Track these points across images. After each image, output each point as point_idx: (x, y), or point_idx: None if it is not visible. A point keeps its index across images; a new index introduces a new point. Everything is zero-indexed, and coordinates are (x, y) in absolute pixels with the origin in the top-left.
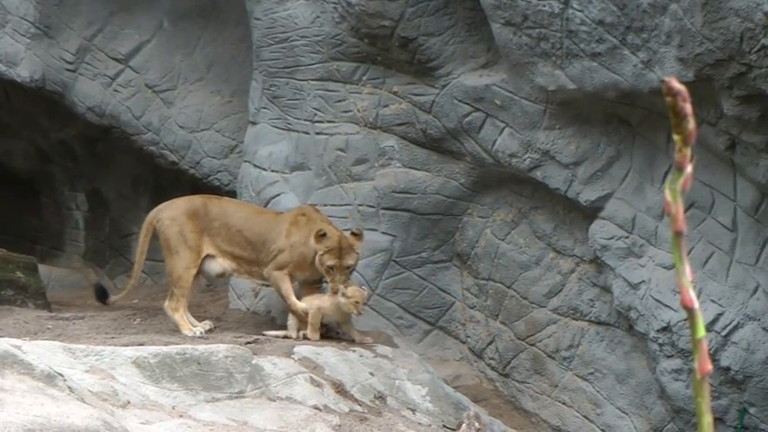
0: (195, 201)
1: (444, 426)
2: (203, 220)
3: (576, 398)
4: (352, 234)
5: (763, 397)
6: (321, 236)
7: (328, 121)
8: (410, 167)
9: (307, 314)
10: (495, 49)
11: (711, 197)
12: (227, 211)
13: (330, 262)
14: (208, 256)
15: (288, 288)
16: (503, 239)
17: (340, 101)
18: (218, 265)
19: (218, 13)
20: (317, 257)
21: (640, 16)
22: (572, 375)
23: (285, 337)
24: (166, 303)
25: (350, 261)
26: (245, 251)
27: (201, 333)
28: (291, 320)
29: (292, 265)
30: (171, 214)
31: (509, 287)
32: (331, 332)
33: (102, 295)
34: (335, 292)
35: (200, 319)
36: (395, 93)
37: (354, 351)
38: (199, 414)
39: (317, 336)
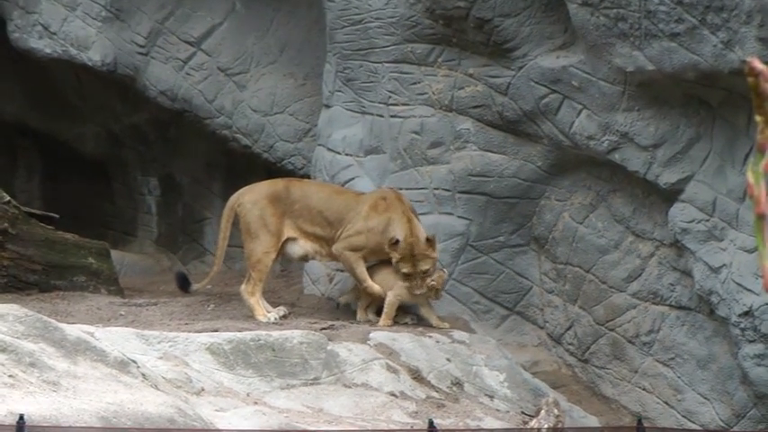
0: (277, 184)
1: (522, 412)
2: (284, 203)
3: (656, 384)
4: (426, 240)
5: None
6: (394, 244)
7: (403, 104)
8: (486, 150)
9: (382, 298)
10: (571, 30)
11: None
12: (308, 193)
13: (405, 269)
14: (289, 239)
15: (363, 271)
16: (581, 223)
17: (415, 83)
18: (300, 247)
19: None
20: (393, 262)
21: None
22: (652, 361)
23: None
24: (243, 287)
25: (425, 266)
26: (325, 231)
27: (276, 319)
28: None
29: (367, 250)
30: (252, 198)
31: (588, 271)
32: (407, 316)
33: (183, 284)
34: (414, 294)
35: (274, 305)
36: (470, 75)
37: (431, 337)
38: (274, 401)
39: (390, 322)
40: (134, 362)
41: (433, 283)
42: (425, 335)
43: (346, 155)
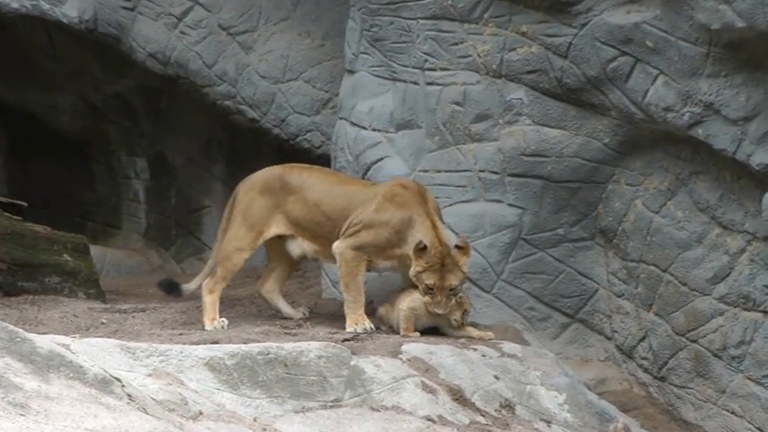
0: (273, 172)
1: None
2: (278, 195)
3: (747, 406)
4: (457, 247)
5: None
6: (421, 249)
7: (442, 69)
8: (542, 125)
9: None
10: None
11: None
12: (307, 183)
13: (429, 281)
14: (287, 237)
15: (359, 283)
16: (657, 212)
17: (456, 44)
18: (298, 246)
19: None
20: (412, 271)
21: None
22: (743, 378)
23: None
24: (205, 281)
25: (453, 281)
26: (323, 228)
27: (222, 327)
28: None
29: (374, 250)
30: (246, 187)
31: (665, 271)
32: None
33: (171, 289)
34: (433, 314)
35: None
36: (523, 33)
37: (476, 350)
38: (286, 427)
39: (412, 331)
40: (118, 380)
41: (461, 300)
42: (469, 347)
43: (373, 130)
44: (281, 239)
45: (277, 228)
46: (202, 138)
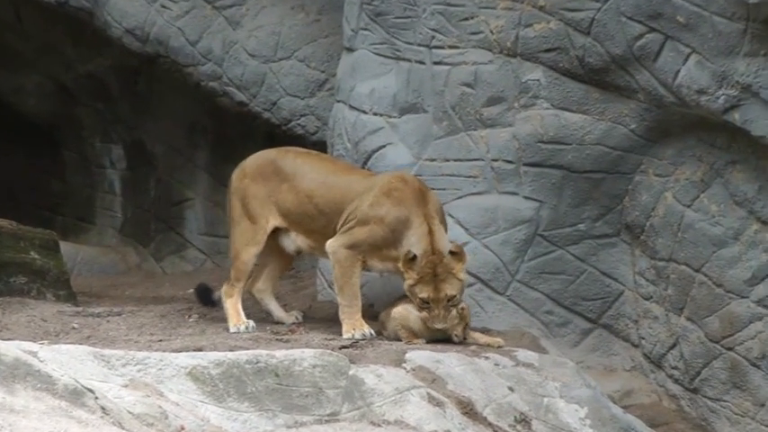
0: (266, 156)
1: None
2: (271, 182)
3: None
4: (451, 254)
5: None
6: (410, 260)
7: (450, 47)
8: (562, 108)
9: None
10: None
11: None
12: (300, 170)
13: (423, 294)
14: (281, 230)
15: (354, 285)
16: (689, 206)
17: (466, 19)
18: (292, 241)
19: None
20: (406, 285)
21: None
22: None
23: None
24: (223, 287)
25: (450, 290)
26: (316, 223)
27: (248, 329)
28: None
29: (368, 249)
30: (238, 174)
31: (698, 270)
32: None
33: (205, 296)
34: (433, 331)
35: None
36: (541, 7)
37: (488, 358)
38: None
39: (415, 338)
40: (91, 391)
41: (463, 313)
42: (480, 355)
43: (375, 114)
44: (273, 233)
45: (274, 219)
46: (185, 123)
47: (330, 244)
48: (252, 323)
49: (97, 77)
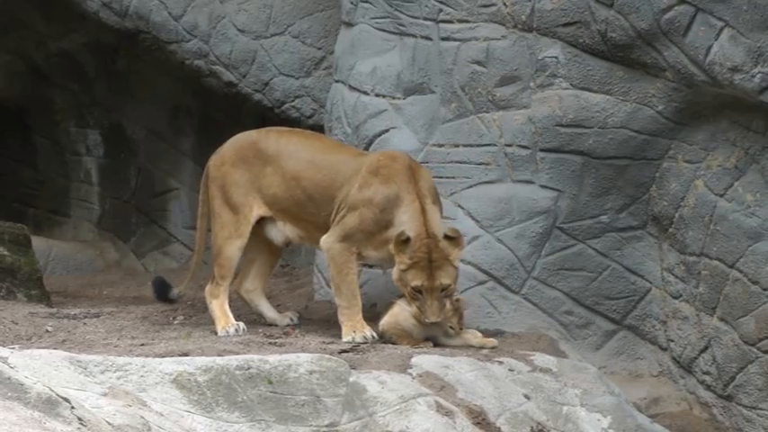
0: (246, 138)
1: None
2: (254, 167)
3: None
4: (447, 238)
5: None
6: (403, 242)
7: (460, 21)
8: (582, 89)
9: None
10: None
11: None
12: (285, 151)
13: (416, 281)
14: (266, 219)
15: (353, 282)
16: (722, 195)
17: None
18: (279, 231)
19: None
20: (395, 272)
21: None
22: None
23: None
24: (207, 287)
25: (445, 279)
26: (305, 210)
27: (239, 332)
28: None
29: (361, 237)
30: (216, 160)
31: (732, 266)
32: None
33: (162, 290)
34: (423, 324)
35: (279, 311)
36: None
37: (501, 363)
38: None
39: (409, 342)
40: (66, 400)
41: (457, 304)
42: (493, 360)
43: (377, 96)
44: (258, 224)
45: (258, 208)
46: (168, 105)
47: (324, 240)
48: (242, 325)
49: (71, 56)
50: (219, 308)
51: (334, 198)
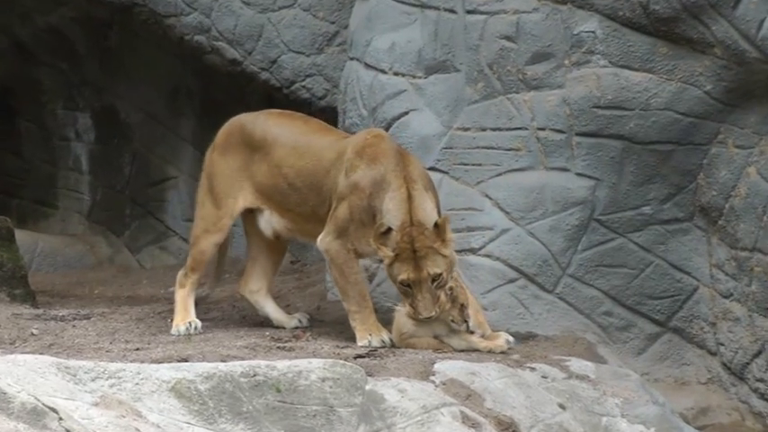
0: (235, 123)
1: None
2: (242, 153)
3: None
4: (435, 227)
5: None
6: (383, 233)
7: None
8: (622, 67)
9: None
10: None
11: None
12: (271, 136)
13: (403, 275)
14: (255, 210)
15: (356, 281)
16: None
17: None
18: (266, 222)
19: None
20: (384, 266)
21: None
22: None
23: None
24: (178, 274)
25: (433, 268)
26: (288, 200)
27: (191, 331)
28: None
29: (354, 230)
30: (211, 147)
31: None
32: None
33: None
34: (421, 322)
35: (289, 312)
36: None
37: (533, 369)
38: None
39: (429, 346)
40: (54, 410)
41: (454, 294)
42: (524, 366)
43: (396, 74)
44: (252, 217)
45: (244, 199)
46: (166, 86)
47: (320, 240)
48: (198, 324)
49: (59, 31)
50: (182, 301)
51: (321, 187)
